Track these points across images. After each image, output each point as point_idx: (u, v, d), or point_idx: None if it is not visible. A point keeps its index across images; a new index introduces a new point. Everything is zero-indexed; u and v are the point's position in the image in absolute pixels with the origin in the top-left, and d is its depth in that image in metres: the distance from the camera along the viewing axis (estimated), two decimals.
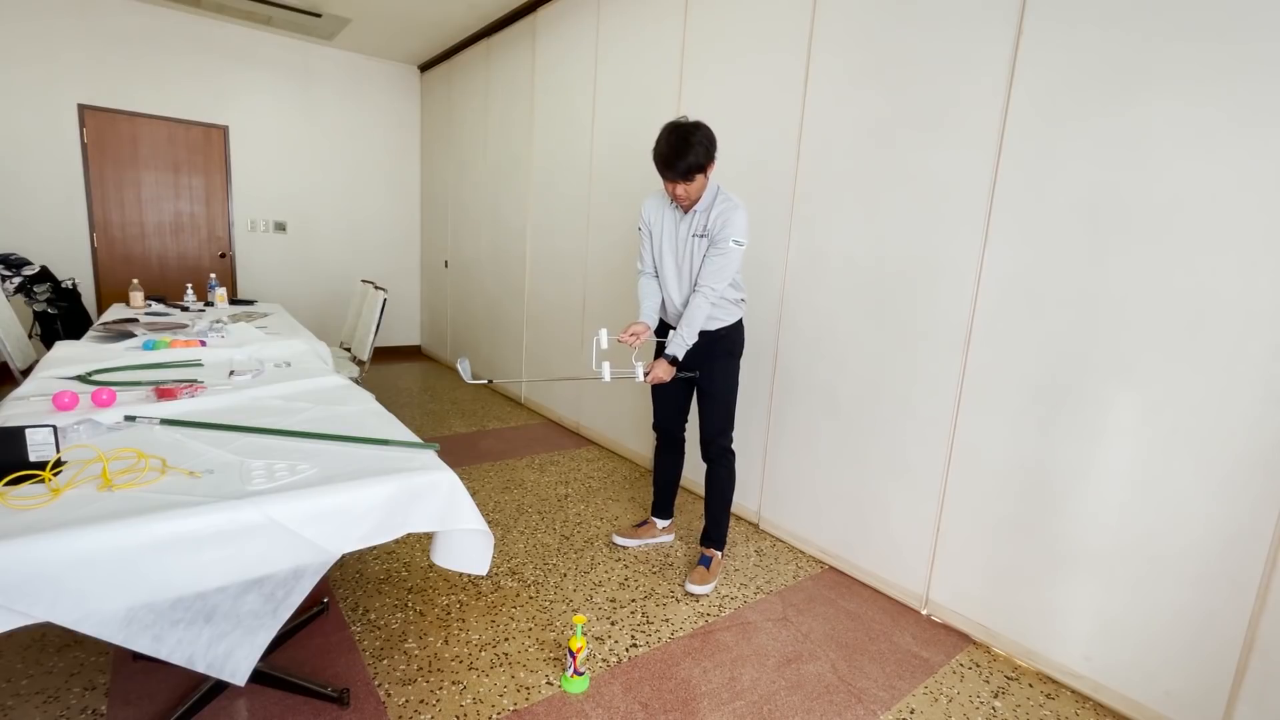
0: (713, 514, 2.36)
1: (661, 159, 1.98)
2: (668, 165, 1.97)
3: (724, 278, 2.07)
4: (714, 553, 2.36)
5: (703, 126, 1.99)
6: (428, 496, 1.34)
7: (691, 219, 2.12)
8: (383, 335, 4.60)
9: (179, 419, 1.57)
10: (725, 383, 2.27)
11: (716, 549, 2.37)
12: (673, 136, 1.96)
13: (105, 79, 4.56)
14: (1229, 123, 1.51)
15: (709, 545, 2.37)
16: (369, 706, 1.59)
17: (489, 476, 3.19)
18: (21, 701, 1.54)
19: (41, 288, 3.85)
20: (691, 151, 1.93)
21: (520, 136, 4.40)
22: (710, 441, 2.29)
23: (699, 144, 1.94)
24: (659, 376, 2.12)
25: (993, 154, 1.93)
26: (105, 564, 1.01)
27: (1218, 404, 1.55)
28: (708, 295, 2.07)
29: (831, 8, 2.36)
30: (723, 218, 2.04)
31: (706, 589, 2.24)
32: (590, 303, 3.80)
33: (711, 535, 2.37)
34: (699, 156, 1.94)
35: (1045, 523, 1.88)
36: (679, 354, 2.10)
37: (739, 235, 2.04)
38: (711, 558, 2.34)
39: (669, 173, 1.98)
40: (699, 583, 2.25)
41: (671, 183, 2.01)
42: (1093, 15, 1.71)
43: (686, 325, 2.09)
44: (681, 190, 2.02)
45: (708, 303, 2.09)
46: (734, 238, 2.03)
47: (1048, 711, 1.76)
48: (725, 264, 2.06)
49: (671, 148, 1.95)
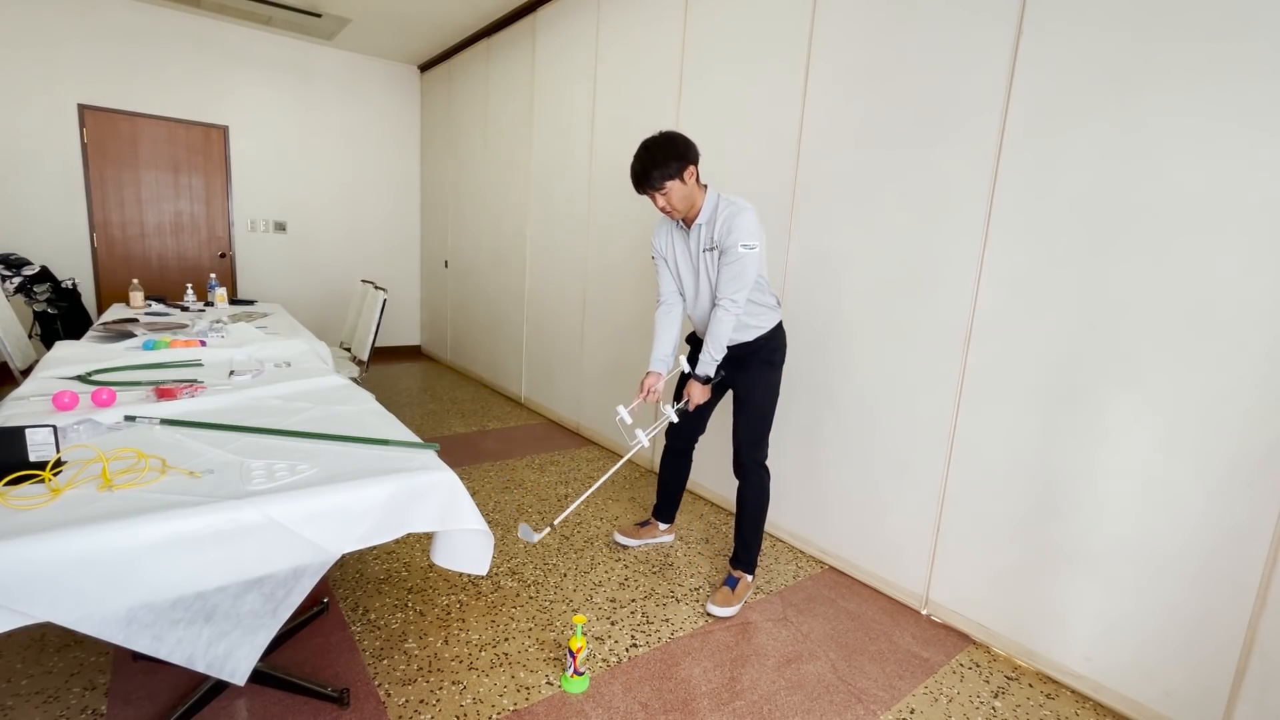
0: (743, 535, 2.21)
1: (634, 177, 1.98)
2: (639, 181, 1.97)
3: (741, 286, 1.97)
4: (742, 575, 2.20)
5: (670, 134, 1.97)
6: (428, 496, 1.34)
7: (698, 234, 2.05)
8: (383, 335, 4.61)
9: (179, 419, 1.57)
10: (763, 393, 2.15)
11: (746, 572, 2.21)
12: (639, 152, 1.96)
13: (105, 79, 4.56)
14: (1229, 123, 1.51)
15: (738, 566, 2.22)
16: (369, 706, 1.59)
17: (489, 476, 3.19)
18: (21, 701, 1.54)
19: (41, 288, 3.85)
20: (656, 161, 1.92)
21: (520, 136, 4.40)
22: (741, 453, 2.16)
23: (663, 151, 1.92)
24: (697, 401, 2.10)
25: (992, 154, 1.93)
26: (105, 564, 1.01)
27: (1218, 404, 1.55)
28: (728, 309, 1.98)
29: (831, 9, 2.36)
30: (727, 225, 1.96)
31: (729, 611, 2.10)
32: (590, 303, 3.80)
33: (740, 557, 2.22)
34: (667, 163, 1.92)
35: (1045, 523, 1.88)
36: (709, 372, 2.05)
37: (747, 239, 1.94)
38: (738, 580, 2.19)
39: (643, 187, 1.98)
40: (722, 604, 2.11)
41: (651, 198, 2.00)
42: (1092, 16, 1.72)
43: (712, 342, 2.02)
44: (663, 202, 1.98)
45: (730, 316, 1.99)
46: (742, 243, 1.94)
47: (1048, 711, 1.76)
48: (740, 271, 1.96)
49: (639, 162, 1.95)
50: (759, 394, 2.15)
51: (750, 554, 2.22)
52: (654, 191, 1.97)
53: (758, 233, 1.98)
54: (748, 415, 2.15)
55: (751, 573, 2.23)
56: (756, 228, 1.98)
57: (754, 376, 2.14)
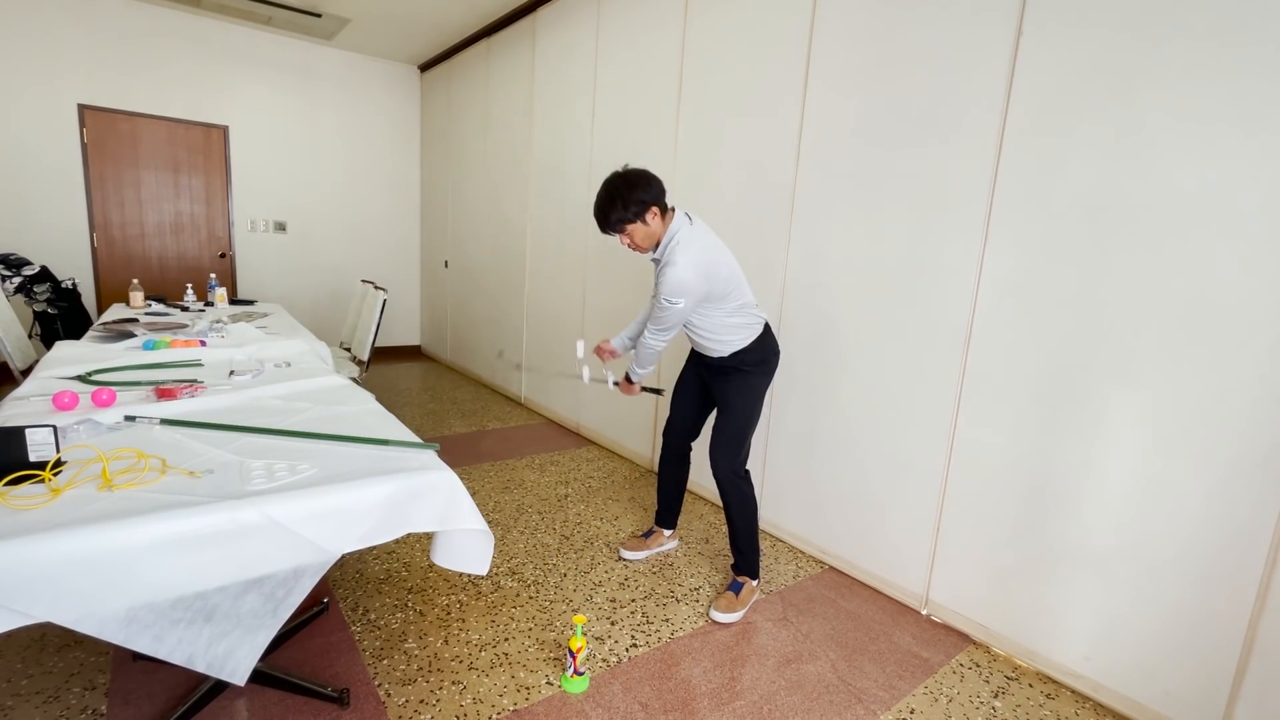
0: (737, 545, 2.19)
1: (596, 219, 1.98)
2: (599, 223, 1.97)
3: (663, 329, 2.02)
4: (745, 580, 2.18)
5: (631, 175, 1.93)
6: (428, 496, 1.34)
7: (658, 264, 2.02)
8: (383, 335, 4.60)
9: (179, 419, 1.57)
10: (742, 401, 2.11)
11: (749, 576, 2.18)
12: (600, 193, 1.95)
13: (105, 79, 4.56)
14: (1228, 123, 1.51)
15: (740, 572, 2.20)
16: (369, 706, 1.59)
17: (489, 476, 3.19)
18: (21, 701, 1.54)
19: (41, 288, 3.85)
20: (615, 204, 1.90)
21: (520, 136, 4.40)
22: (716, 463, 2.13)
23: (622, 195, 1.90)
24: (626, 388, 2.34)
25: (992, 154, 1.93)
26: (105, 564, 1.01)
27: (1217, 404, 1.55)
28: (652, 337, 2.08)
29: (831, 8, 2.36)
30: (661, 271, 1.94)
31: (732, 617, 2.07)
32: (590, 302, 3.80)
33: (739, 565, 2.20)
34: (626, 206, 1.89)
35: (1045, 523, 1.88)
36: (633, 377, 2.29)
37: (668, 294, 1.91)
38: (742, 584, 2.16)
39: (601, 227, 1.98)
40: (725, 610, 2.08)
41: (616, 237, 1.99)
42: (1092, 16, 1.72)
43: (636, 360, 2.22)
44: (626, 242, 1.98)
45: (652, 347, 2.11)
46: (664, 296, 1.92)
47: (1048, 711, 1.76)
48: (661, 317, 1.98)
49: (598, 206, 1.95)
50: (736, 402, 2.12)
51: (748, 560, 2.19)
52: (616, 234, 1.97)
53: (685, 290, 1.90)
54: (725, 424, 2.13)
55: (755, 577, 2.20)
56: (686, 283, 1.89)
57: (733, 384, 2.12)
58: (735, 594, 2.13)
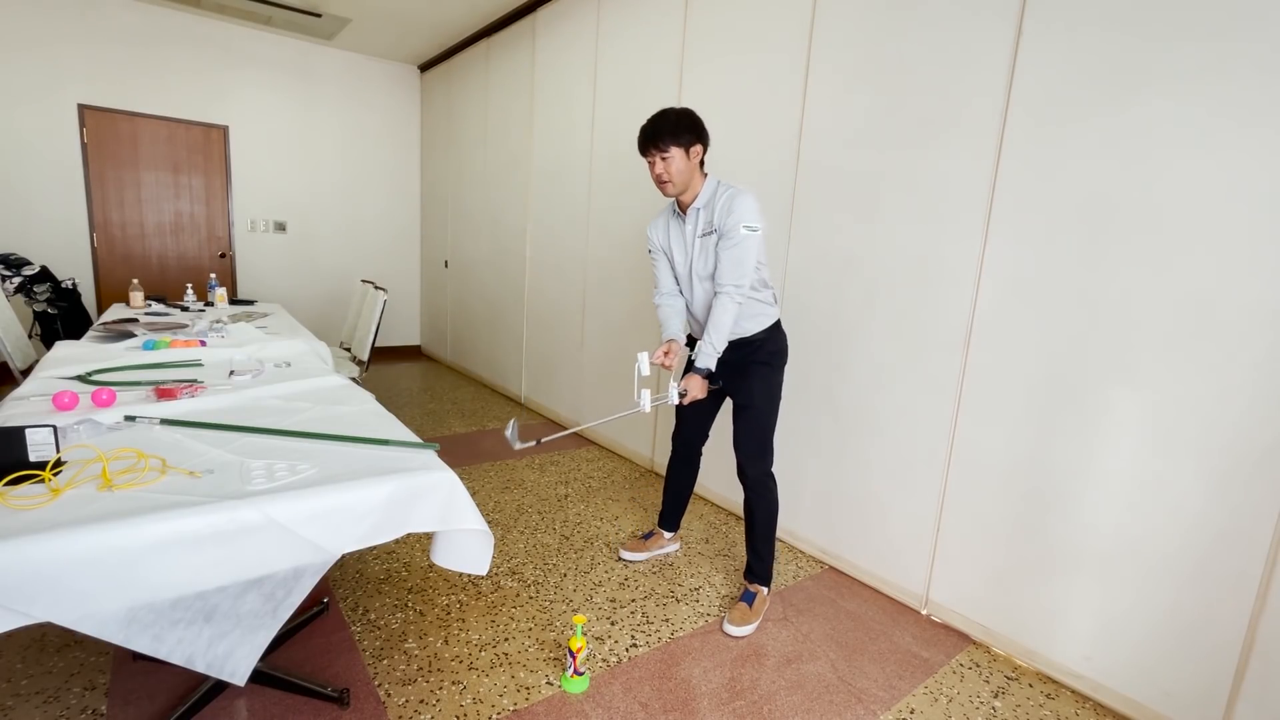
0: (754, 548, 2.12)
1: (642, 134, 1.94)
2: (648, 138, 1.93)
3: (744, 271, 1.89)
4: (758, 588, 2.12)
5: (689, 110, 1.96)
6: (428, 496, 1.34)
7: (695, 220, 1.99)
8: (383, 335, 4.60)
9: (179, 419, 1.57)
10: (764, 398, 2.05)
11: (761, 584, 2.12)
12: (655, 114, 1.95)
13: (105, 79, 4.56)
14: (1228, 123, 1.51)
15: (753, 580, 2.14)
16: (369, 706, 1.59)
17: (489, 476, 3.19)
18: (21, 701, 1.54)
19: (41, 288, 3.85)
20: (669, 125, 1.90)
21: (520, 136, 4.40)
22: (745, 466, 2.07)
23: (678, 119, 1.91)
24: (695, 395, 1.95)
25: (992, 154, 1.93)
26: (105, 564, 1.01)
27: (1217, 403, 1.55)
28: (731, 295, 1.90)
29: (831, 8, 2.36)
30: (728, 206, 1.90)
31: (746, 630, 2.01)
32: (590, 302, 3.80)
33: (754, 570, 2.13)
34: (679, 130, 1.89)
35: (1045, 523, 1.88)
36: (710, 365, 1.94)
37: (748, 220, 1.87)
38: (755, 594, 2.10)
39: (648, 146, 1.93)
40: (739, 623, 2.01)
41: (650, 161, 1.94)
42: (1092, 16, 1.71)
43: (714, 331, 1.91)
44: (661, 168, 1.92)
45: (733, 303, 1.90)
46: (743, 223, 1.87)
47: (1048, 711, 1.76)
48: (741, 255, 1.89)
49: (652, 122, 1.93)
50: (759, 399, 2.06)
51: (764, 566, 2.13)
52: (657, 153, 1.92)
53: (760, 216, 1.91)
54: (749, 423, 2.06)
55: (768, 585, 2.15)
56: (757, 211, 1.91)
57: (753, 382, 2.05)
58: (749, 605, 2.08)
